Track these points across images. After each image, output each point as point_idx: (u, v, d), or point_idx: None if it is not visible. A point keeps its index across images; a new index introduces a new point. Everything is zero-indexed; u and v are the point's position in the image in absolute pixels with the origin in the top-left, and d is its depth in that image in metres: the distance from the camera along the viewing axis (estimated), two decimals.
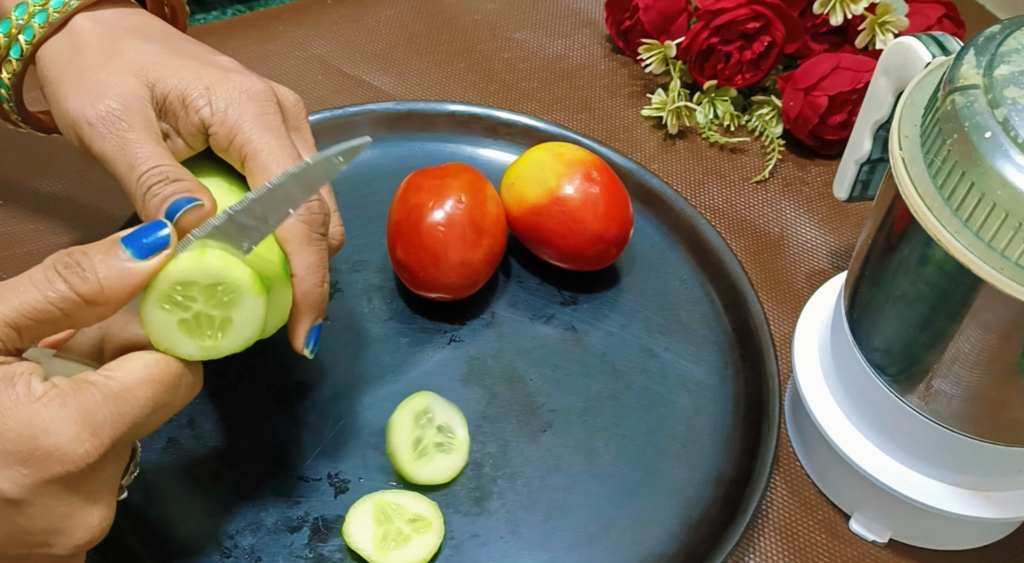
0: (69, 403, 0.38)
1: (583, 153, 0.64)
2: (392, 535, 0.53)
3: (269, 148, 0.48)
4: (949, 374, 0.48)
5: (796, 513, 0.58)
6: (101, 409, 0.39)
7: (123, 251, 0.40)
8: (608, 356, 0.63)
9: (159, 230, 0.41)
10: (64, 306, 0.39)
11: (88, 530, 0.40)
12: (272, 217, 0.43)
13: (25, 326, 0.39)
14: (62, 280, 0.39)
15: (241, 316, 0.43)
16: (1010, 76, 0.42)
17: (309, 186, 0.43)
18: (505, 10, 0.87)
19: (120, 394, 0.40)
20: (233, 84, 0.49)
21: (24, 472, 0.37)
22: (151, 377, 0.41)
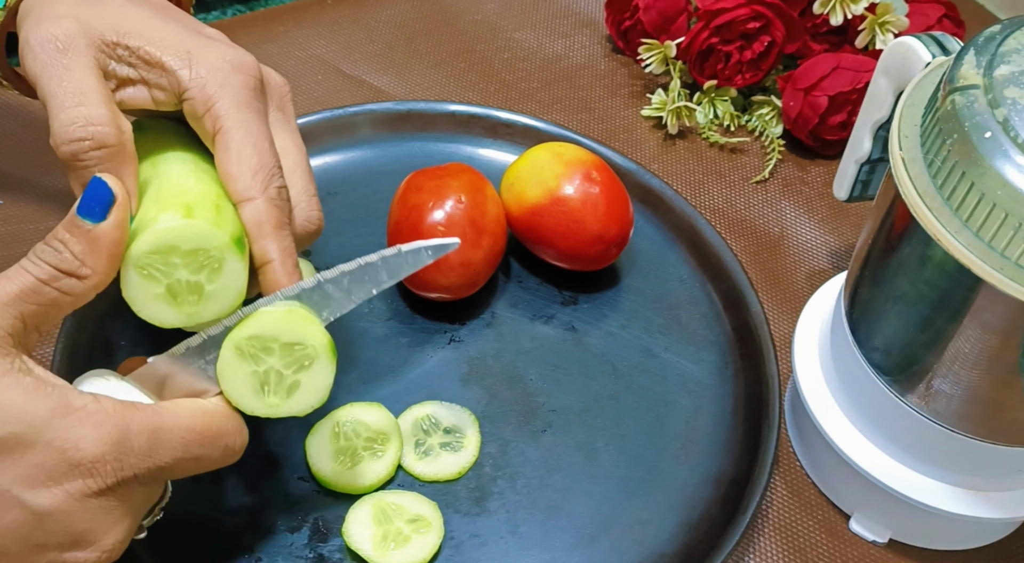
0: (105, 422, 0.39)
1: (583, 153, 0.64)
2: (392, 535, 0.53)
3: (245, 127, 0.46)
4: (949, 374, 0.48)
5: (796, 513, 0.58)
6: (134, 438, 0.40)
7: (82, 221, 0.41)
8: (608, 356, 0.63)
9: (99, 187, 0.41)
10: (57, 285, 0.40)
11: (101, 548, 0.40)
12: (356, 293, 0.46)
13: (28, 312, 0.40)
14: (44, 263, 0.40)
15: (223, 281, 0.44)
16: (1010, 76, 0.42)
17: (396, 271, 0.46)
18: (505, 10, 0.87)
19: (157, 431, 0.40)
20: (218, 52, 0.47)
21: (50, 485, 0.38)
22: (193, 426, 0.42)
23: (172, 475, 0.42)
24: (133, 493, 0.41)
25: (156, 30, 0.47)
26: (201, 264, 0.43)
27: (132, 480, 0.40)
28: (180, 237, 0.42)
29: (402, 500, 0.55)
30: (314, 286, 0.45)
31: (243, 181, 0.45)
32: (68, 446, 0.38)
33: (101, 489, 0.39)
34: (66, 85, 0.44)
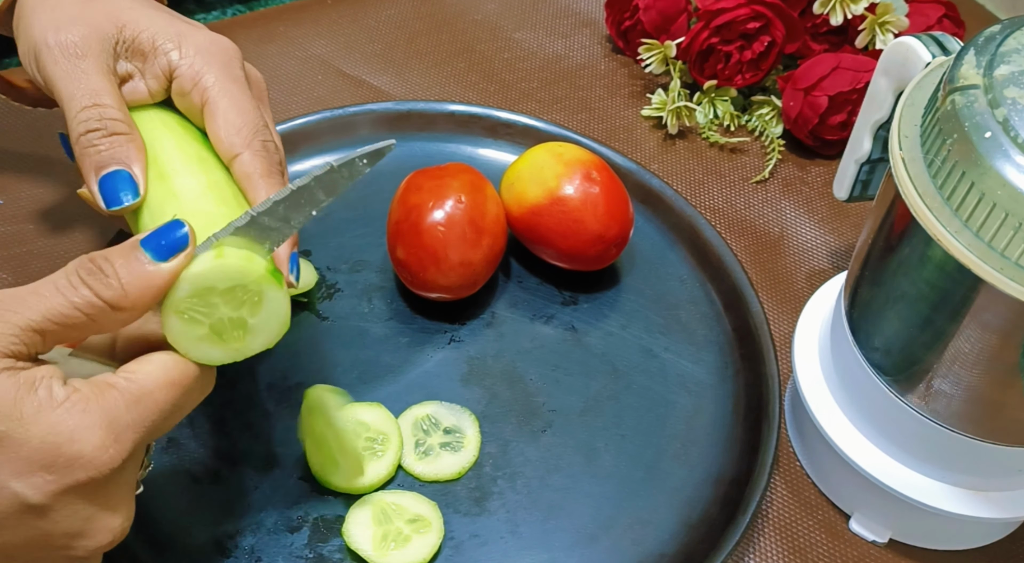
0: (92, 408, 0.38)
1: (583, 153, 0.64)
2: (392, 535, 0.53)
3: (229, 95, 0.49)
4: (949, 374, 0.48)
5: (796, 513, 0.58)
6: (123, 415, 0.39)
7: (143, 254, 0.40)
8: (608, 356, 0.63)
9: (177, 231, 0.41)
10: (90, 312, 0.39)
11: (110, 532, 0.40)
12: (295, 218, 0.43)
13: (50, 331, 0.39)
14: (86, 286, 0.39)
15: (266, 314, 0.43)
16: (1010, 76, 0.42)
17: (332, 188, 0.43)
18: (505, 10, 0.87)
19: (141, 398, 0.40)
20: (204, 36, 0.51)
21: (48, 478, 0.38)
22: (170, 381, 0.41)
23: (162, 433, 0.42)
24: (129, 467, 0.40)
25: (148, 18, 0.50)
26: (241, 300, 0.42)
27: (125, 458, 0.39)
28: (216, 278, 0.42)
29: (402, 500, 0.55)
30: (248, 222, 0.43)
31: (229, 140, 0.48)
32: (62, 440, 0.38)
33: (104, 476, 0.38)
34: (83, 87, 0.47)
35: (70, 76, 0.47)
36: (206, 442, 0.57)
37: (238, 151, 0.48)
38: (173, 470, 0.56)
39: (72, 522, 0.39)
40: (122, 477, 0.40)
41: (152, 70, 0.50)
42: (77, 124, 0.47)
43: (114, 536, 0.40)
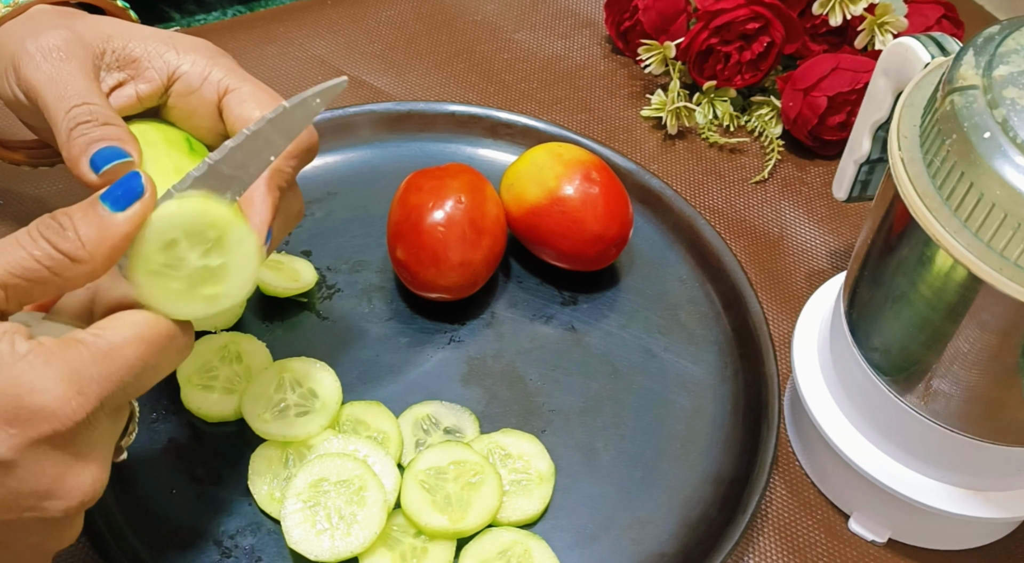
0: (55, 361, 0.37)
1: (583, 153, 0.64)
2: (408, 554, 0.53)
3: (252, 82, 0.48)
4: (948, 374, 0.48)
5: (795, 513, 0.59)
6: (88, 368, 0.38)
7: (101, 206, 0.40)
8: (608, 356, 0.63)
9: (133, 180, 0.40)
10: (49, 264, 0.39)
11: (80, 491, 0.39)
12: (253, 165, 0.42)
13: (13, 285, 0.38)
14: (44, 239, 0.39)
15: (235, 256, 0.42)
16: (1009, 77, 0.42)
17: (288, 131, 0.42)
18: (505, 11, 0.87)
19: (109, 353, 0.39)
20: (195, 39, 0.50)
21: (11, 432, 0.36)
22: (140, 336, 0.40)
23: (137, 391, 0.41)
24: (99, 426, 0.39)
25: (133, 29, 0.50)
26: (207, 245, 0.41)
27: (98, 411, 0.38)
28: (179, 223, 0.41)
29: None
30: (206, 171, 0.41)
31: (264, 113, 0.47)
32: (24, 391, 0.37)
33: (69, 429, 0.37)
34: (71, 89, 0.46)
35: (55, 79, 0.46)
36: (206, 442, 0.57)
37: None
38: (173, 470, 0.56)
39: (39, 479, 0.38)
40: (92, 433, 0.39)
41: (146, 75, 0.49)
42: (68, 121, 0.45)
43: (84, 496, 0.39)
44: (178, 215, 0.41)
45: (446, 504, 0.53)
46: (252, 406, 0.56)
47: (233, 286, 0.42)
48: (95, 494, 0.39)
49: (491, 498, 0.54)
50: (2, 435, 0.36)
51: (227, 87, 0.48)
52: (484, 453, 0.56)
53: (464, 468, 0.55)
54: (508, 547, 0.53)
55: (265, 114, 0.42)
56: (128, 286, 0.42)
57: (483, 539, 0.53)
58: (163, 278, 0.41)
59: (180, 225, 0.41)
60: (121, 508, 0.54)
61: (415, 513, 0.53)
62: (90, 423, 0.38)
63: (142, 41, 0.49)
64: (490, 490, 0.54)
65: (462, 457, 0.55)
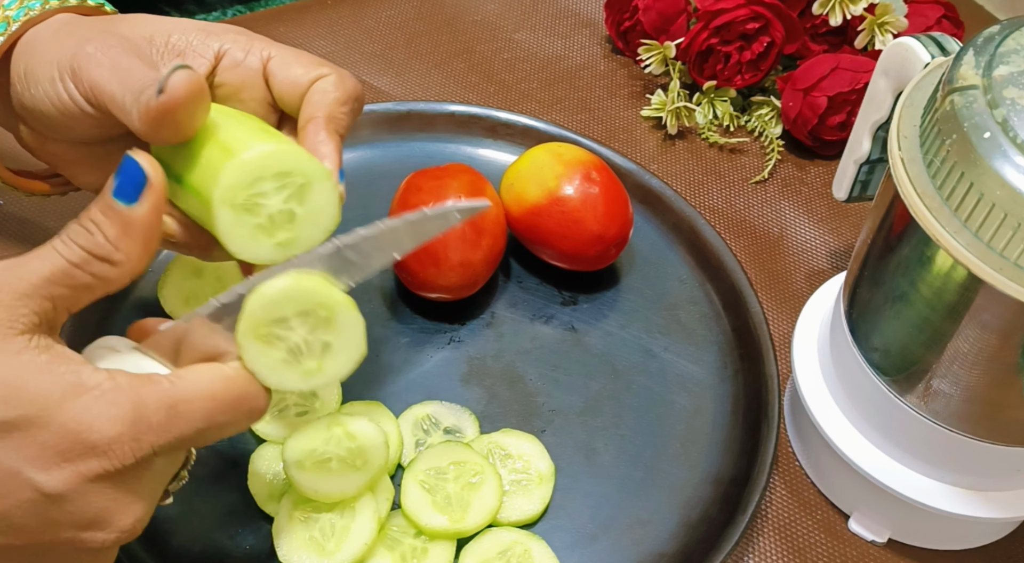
0: (120, 401, 0.38)
1: (583, 153, 0.64)
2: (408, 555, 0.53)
3: (291, 49, 0.50)
4: (948, 374, 0.48)
5: (795, 513, 0.59)
6: (151, 415, 0.38)
7: (116, 203, 0.40)
8: (608, 356, 0.63)
9: (131, 168, 0.40)
10: (90, 269, 0.39)
11: (120, 528, 0.39)
12: (376, 258, 0.43)
13: (58, 295, 0.39)
14: (75, 244, 0.39)
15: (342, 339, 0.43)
16: (1009, 77, 0.42)
17: (419, 236, 0.44)
18: (505, 11, 0.87)
19: (176, 405, 0.39)
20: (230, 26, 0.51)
21: (63, 465, 0.37)
22: (213, 394, 0.40)
23: (195, 444, 0.41)
24: (152, 468, 0.40)
25: (171, 24, 0.51)
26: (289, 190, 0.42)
27: (151, 457, 0.39)
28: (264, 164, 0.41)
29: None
30: (332, 252, 0.43)
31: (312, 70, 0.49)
32: (82, 428, 0.37)
33: (117, 469, 0.38)
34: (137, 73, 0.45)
35: (118, 69, 0.46)
36: None
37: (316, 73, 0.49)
38: None
39: (84, 512, 0.38)
40: (143, 475, 0.39)
41: (194, 62, 0.49)
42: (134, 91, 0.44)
43: (123, 532, 0.39)
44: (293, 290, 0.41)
45: (446, 504, 0.53)
46: None
47: (334, 365, 0.43)
48: (135, 532, 0.40)
49: (491, 498, 0.54)
50: (54, 469, 0.37)
51: (269, 55, 0.50)
52: (484, 453, 0.56)
53: (464, 468, 0.55)
54: (508, 547, 0.53)
55: (406, 215, 0.43)
56: (220, 339, 0.42)
57: (483, 539, 0.53)
58: (267, 345, 0.42)
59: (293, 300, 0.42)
60: None
61: (415, 513, 0.53)
62: (141, 466, 0.39)
63: (183, 33, 0.50)
64: (490, 490, 0.54)
65: (462, 457, 0.55)
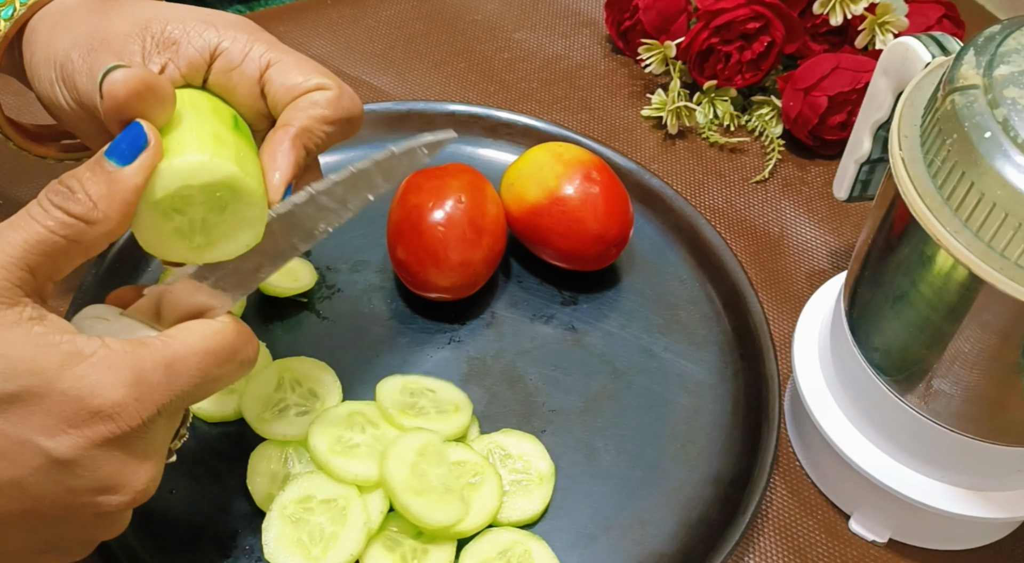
0: (118, 365, 0.38)
1: (583, 153, 0.64)
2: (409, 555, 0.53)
3: (294, 54, 0.48)
4: (949, 374, 0.48)
5: (796, 513, 0.58)
6: (150, 375, 0.39)
7: (107, 163, 0.39)
8: (608, 356, 0.63)
9: (135, 131, 0.40)
10: (66, 232, 0.39)
11: (134, 489, 0.40)
12: (352, 201, 0.43)
13: (36, 263, 0.39)
14: (56, 207, 0.39)
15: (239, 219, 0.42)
16: (1010, 76, 0.42)
17: (391, 174, 0.43)
18: (505, 10, 0.87)
19: (172, 363, 0.40)
20: (235, 18, 0.49)
21: (71, 432, 0.38)
22: (205, 349, 0.41)
23: (195, 400, 0.42)
24: (156, 428, 0.40)
25: (171, 11, 0.48)
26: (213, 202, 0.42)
27: (155, 416, 0.39)
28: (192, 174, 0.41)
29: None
30: (306, 199, 0.43)
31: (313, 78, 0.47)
32: (84, 394, 0.38)
33: (125, 432, 0.39)
34: None
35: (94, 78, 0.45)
36: (206, 442, 0.57)
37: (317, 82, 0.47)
38: (173, 470, 0.56)
39: (97, 476, 0.39)
40: (148, 436, 0.40)
41: (186, 54, 0.47)
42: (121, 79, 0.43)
43: (137, 492, 0.40)
44: (193, 170, 0.41)
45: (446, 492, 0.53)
46: (252, 406, 0.56)
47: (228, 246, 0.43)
48: (148, 492, 0.41)
49: (491, 498, 0.54)
50: (61, 436, 0.38)
51: (269, 61, 0.47)
52: (484, 453, 0.56)
53: (464, 468, 0.54)
54: (508, 547, 0.53)
55: (373, 156, 0.43)
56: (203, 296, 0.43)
57: (483, 539, 0.53)
58: (164, 219, 0.41)
59: (195, 180, 0.41)
60: None
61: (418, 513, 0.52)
62: (147, 426, 0.39)
63: (180, 22, 0.47)
64: (490, 490, 0.54)
65: (462, 457, 0.55)
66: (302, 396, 0.57)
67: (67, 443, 0.38)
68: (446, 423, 0.56)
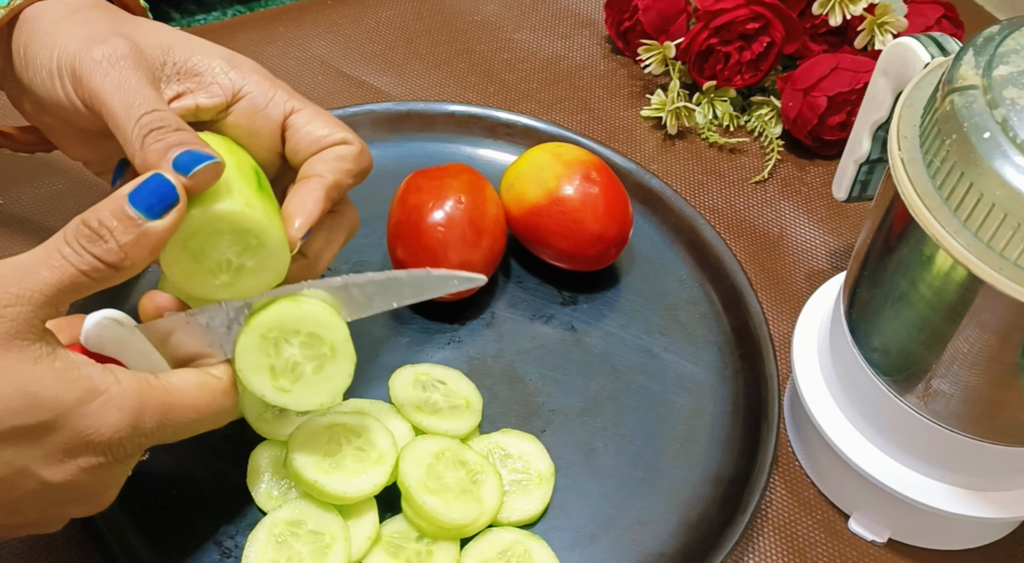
0: (125, 407, 0.42)
1: (583, 153, 0.64)
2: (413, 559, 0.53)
3: (312, 106, 0.50)
4: (948, 374, 0.48)
5: (795, 513, 0.59)
6: (147, 421, 0.43)
7: (135, 215, 0.41)
8: (608, 356, 0.63)
9: (165, 188, 0.42)
10: (96, 276, 0.41)
11: (99, 505, 0.45)
12: (378, 302, 0.48)
13: (62, 301, 0.41)
14: (88, 254, 0.41)
15: (328, 375, 0.48)
16: (1009, 77, 0.42)
17: (419, 292, 0.48)
18: (505, 11, 0.87)
19: (167, 412, 0.43)
20: (253, 63, 0.51)
21: (66, 461, 0.41)
22: (196, 406, 0.45)
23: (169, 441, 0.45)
24: (134, 460, 0.44)
25: (193, 43, 0.50)
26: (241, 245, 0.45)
27: (137, 452, 0.43)
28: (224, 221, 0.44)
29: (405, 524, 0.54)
30: (340, 286, 0.47)
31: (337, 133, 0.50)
32: (90, 431, 0.41)
33: (111, 462, 0.42)
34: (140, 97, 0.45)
35: (123, 87, 0.45)
36: (207, 442, 0.57)
37: (342, 137, 0.50)
38: (173, 470, 0.56)
39: (74, 495, 0.43)
40: (126, 465, 0.44)
41: (210, 90, 0.49)
42: (140, 128, 0.44)
43: (100, 508, 0.45)
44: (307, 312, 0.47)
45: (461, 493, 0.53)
46: (252, 406, 0.56)
47: (308, 397, 0.48)
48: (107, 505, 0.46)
49: (492, 498, 0.54)
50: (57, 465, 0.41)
51: (292, 108, 0.50)
52: (484, 453, 0.56)
53: (465, 468, 0.54)
54: (508, 547, 0.53)
55: (413, 272, 0.48)
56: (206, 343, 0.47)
57: (483, 539, 0.53)
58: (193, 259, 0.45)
59: (305, 321, 0.47)
60: (121, 508, 0.54)
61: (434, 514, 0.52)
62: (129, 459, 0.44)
63: (205, 56, 0.49)
64: (490, 490, 0.54)
65: (463, 457, 0.55)
66: None
67: (60, 471, 0.41)
68: (459, 421, 0.56)
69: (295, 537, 0.51)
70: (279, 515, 0.52)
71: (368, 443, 0.53)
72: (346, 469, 0.52)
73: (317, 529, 0.51)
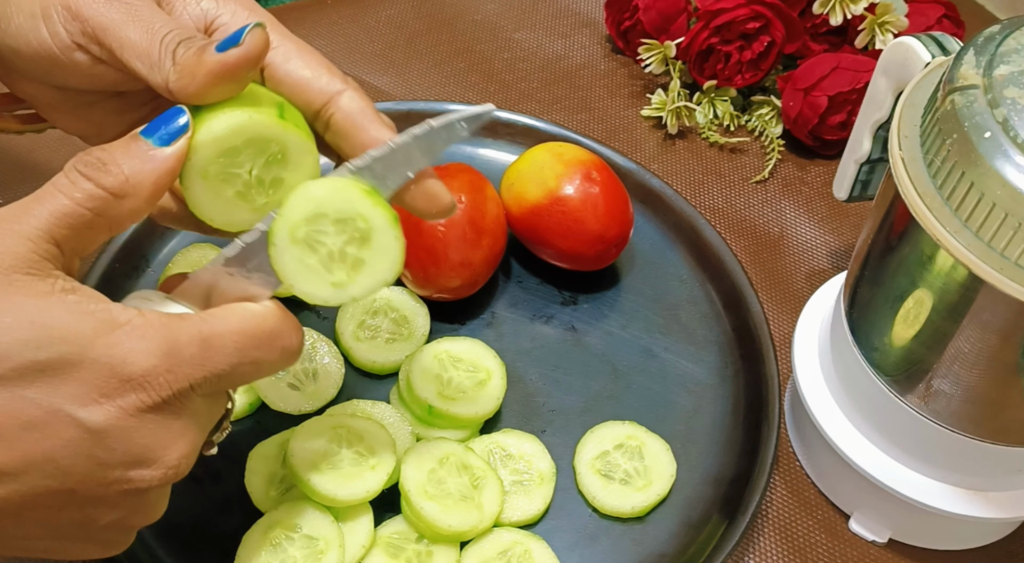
0: (151, 335, 0.38)
1: (583, 153, 0.64)
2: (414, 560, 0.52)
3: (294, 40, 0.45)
4: (949, 374, 0.48)
5: (796, 513, 0.59)
6: (184, 348, 0.38)
7: (143, 142, 0.39)
8: (608, 356, 0.63)
9: (178, 117, 0.39)
10: (93, 205, 0.38)
11: (166, 464, 0.39)
12: (391, 178, 0.42)
13: (62, 236, 0.38)
14: (86, 179, 0.38)
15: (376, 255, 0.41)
16: (1009, 76, 0.42)
17: (430, 149, 0.42)
18: (505, 10, 0.87)
19: (208, 339, 0.39)
20: None
21: (101, 401, 0.37)
22: (243, 330, 0.40)
23: (233, 383, 0.41)
24: (193, 404, 0.40)
25: None
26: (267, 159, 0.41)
27: (188, 391, 0.39)
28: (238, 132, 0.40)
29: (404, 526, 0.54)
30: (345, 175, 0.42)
31: (323, 78, 0.44)
32: (116, 362, 0.37)
33: (156, 403, 0.38)
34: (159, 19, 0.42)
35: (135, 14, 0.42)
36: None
37: (339, 87, 0.44)
38: None
39: (128, 449, 0.38)
40: (182, 410, 0.39)
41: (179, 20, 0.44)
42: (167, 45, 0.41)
43: (169, 469, 0.39)
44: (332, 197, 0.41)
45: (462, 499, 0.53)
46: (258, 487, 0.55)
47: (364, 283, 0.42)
48: (180, 470, 0.40)
49: (492, 505, 0.53)
50: (93, 405, 0.37)
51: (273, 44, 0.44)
52: (484, 453, 0.56)
53: (467, 472, 0.54)
54: (508, 547, 0.53)
55: (412, 130, 0.42)
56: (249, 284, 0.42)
57: (483, 539, 0.53)
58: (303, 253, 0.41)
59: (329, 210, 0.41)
60: None
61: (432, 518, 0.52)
62: (180, 400, 0.39)
63: None
64: (491, 497, 0.54)
65: (467, 462, 0.55)
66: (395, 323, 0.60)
67: (100, 413, 0.37)
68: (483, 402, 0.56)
69: (289, 541, 0.51)
70: (274, 516, 0.52)
71: (368, 449, 0.53)
72: (341, 472, 0.51)
73: (312, 534, 0.51)
